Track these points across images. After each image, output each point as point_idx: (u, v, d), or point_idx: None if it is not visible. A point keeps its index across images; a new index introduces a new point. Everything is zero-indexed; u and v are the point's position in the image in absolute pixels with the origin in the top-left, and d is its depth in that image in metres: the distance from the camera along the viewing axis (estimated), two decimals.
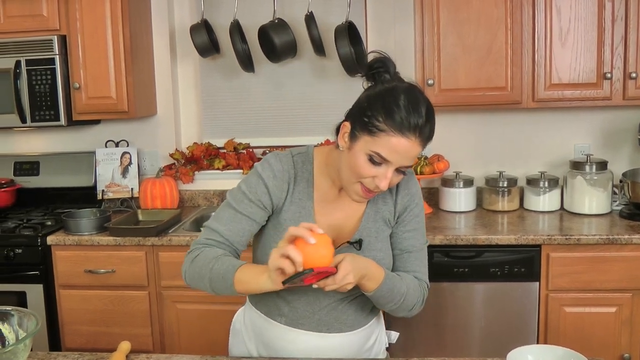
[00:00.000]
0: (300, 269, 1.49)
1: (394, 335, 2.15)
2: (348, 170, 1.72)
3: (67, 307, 3.47)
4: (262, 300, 1.94)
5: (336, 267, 1.58)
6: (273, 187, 1.83)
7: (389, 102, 1.63)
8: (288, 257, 1.50)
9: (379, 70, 1.72)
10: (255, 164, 1.88)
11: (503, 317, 3.21)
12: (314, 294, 1.84)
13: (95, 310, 3.43)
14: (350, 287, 1.62)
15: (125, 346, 1.85)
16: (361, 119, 1.67)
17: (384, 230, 1.88)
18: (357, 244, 1.84)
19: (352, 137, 1.70)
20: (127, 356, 1.85)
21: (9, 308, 1.63)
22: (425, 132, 1.63)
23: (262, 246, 1.89)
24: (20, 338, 1.57)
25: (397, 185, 1.88)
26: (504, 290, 3.19)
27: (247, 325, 2.04)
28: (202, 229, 1.88)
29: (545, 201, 3.63)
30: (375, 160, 1.65)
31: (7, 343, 1.59)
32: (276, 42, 3.76)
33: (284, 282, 1.53)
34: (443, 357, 1.81)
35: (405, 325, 3.16)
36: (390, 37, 3.84)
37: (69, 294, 3.46)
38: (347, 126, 1.72)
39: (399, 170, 1.69)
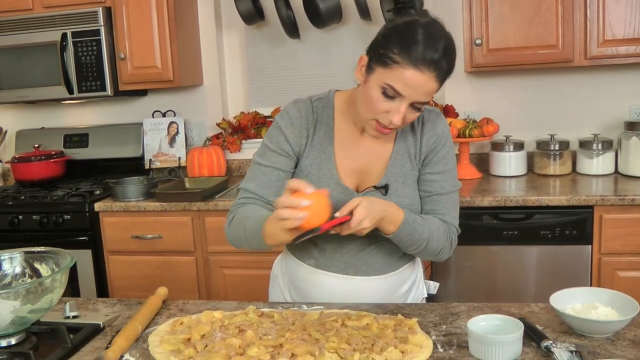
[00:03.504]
0: (300, 215, 1.49)
1: (434, 285, 2.10)
2: (363, 105, 1.69)
3: (115, 273, 3.51)
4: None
5: (352, 212, 1.57)
6: (291, 135, 1.82)
7: (406, 35, 1.59)
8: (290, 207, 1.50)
9: (405, 5, 1.67)
10: (275, 115, 1.87)
11: (554, 282, 3.07)
12: (342, 237, 1.81)
13: (143, 276, 3.46)
14: (366, 231, 1.61)
15: (162, 291, 1.84)
16: (377, 51, 1.63)
17: (411, 175, 1.83)
18: (383, 189, 1.80)
19: (368, 70, 1.66)
20: (164, 301, 1.84)
21: (44, 249, 1.64)
22: (441, 67, 1.59)
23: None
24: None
25: (422, 126, 1.84)
26: (555, 254, 3.10)
27: (282, 270, 2.03)
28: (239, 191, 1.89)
29: (598, 164, 3.51)
30: (389, 93, 1.61)
31: None
32: (321, 8, 3.71)
33: (295, 239, 1.56)
34: (485, 302, 1.76)
35: (454, 289, 3.12)
36: None
37: (116, 259, 3.50)
38: (364, 59, 1.69)
39: (414, 106, 1.64)
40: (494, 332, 1.45)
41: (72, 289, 3.50)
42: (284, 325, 1.59)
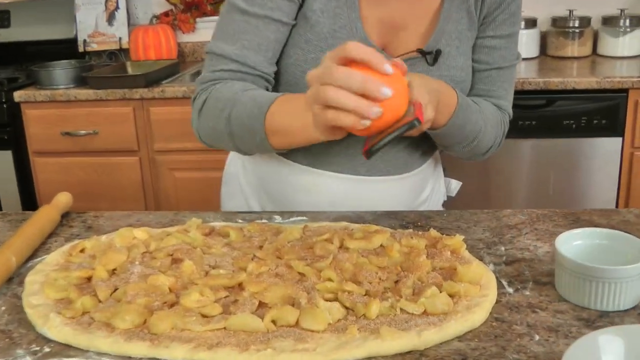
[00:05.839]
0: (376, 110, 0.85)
1: (456, 184, 1.56)
2: None
3: (43, 178, 2.96)
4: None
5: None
6: None
7: None
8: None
9: None
10: None
11: (577, 181, 2.78)
12: None
13: (78, 182, 2.91)
14: (427, 125, 1.08)
15: (63, 198, 1.21)
16: None
17: (467, 37, 1.29)
18: (430, 56, 1.23)
19: None
20: (64, 215, 1.22)
21: None
22: None
23: (284, 57, 1.22)
24: None
25: None
26: (579, 148, 2.74)
27: (247, 169, 1.40)
28: (205, 58, 1.23)
29: (624, 44, 3.09)
30: None
31: None
32: None
33: (368, 154, 0.90)
34: (553, 209, 1.18)
35: (460, 191, 2.63)
36: None
37: (44, 162, 2.95)
38: None
39: None
40: (600, 259, 0.87)
41: None
42: (246, 249, 0.98)
